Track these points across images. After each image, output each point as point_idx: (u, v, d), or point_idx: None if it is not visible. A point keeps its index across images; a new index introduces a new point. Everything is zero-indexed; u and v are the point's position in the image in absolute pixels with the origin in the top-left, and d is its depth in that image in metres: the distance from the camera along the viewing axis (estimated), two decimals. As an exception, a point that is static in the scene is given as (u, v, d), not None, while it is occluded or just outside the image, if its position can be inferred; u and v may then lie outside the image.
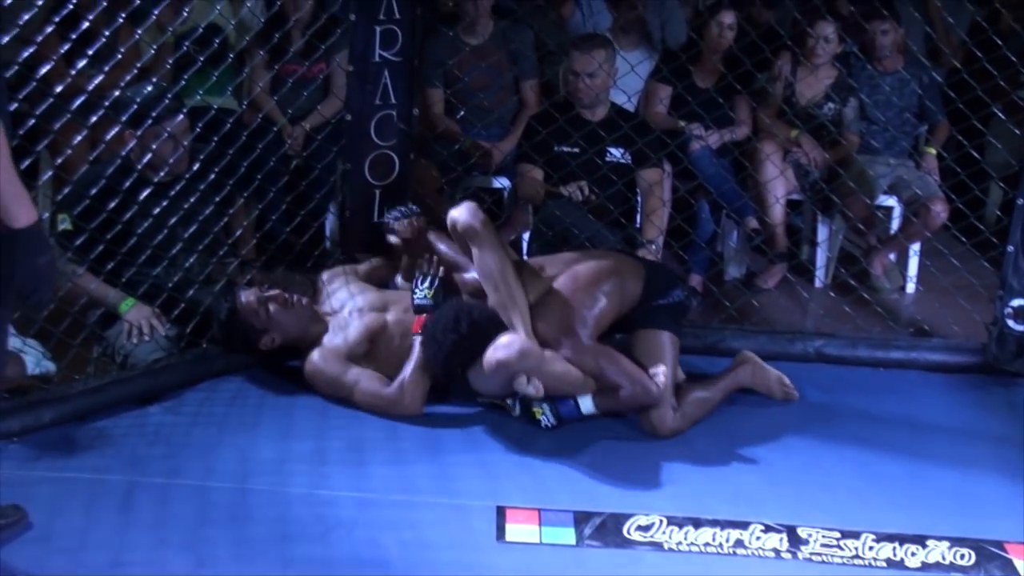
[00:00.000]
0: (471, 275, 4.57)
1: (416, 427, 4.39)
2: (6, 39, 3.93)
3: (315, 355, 4.61)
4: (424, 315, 4.52)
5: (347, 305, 4.76)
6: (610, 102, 5.85)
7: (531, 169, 5.73)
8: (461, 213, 4.40)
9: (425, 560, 3.60)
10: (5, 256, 2.89)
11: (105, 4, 4.65)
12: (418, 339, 4.49)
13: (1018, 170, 5.19)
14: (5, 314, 3.06)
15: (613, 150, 5.71)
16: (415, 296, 4.59)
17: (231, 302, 4.63)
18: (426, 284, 4.60)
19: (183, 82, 5.33)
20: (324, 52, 6.00)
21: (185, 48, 5.05)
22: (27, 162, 4.36)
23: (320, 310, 4.78)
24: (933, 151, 6.58)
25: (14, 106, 4.00)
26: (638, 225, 5.78)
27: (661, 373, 4.39)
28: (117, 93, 4.73)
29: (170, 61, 5.78)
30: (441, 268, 4.67)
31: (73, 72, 4.57)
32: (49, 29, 4.56)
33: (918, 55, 6.49)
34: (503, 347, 4.24)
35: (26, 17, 4.12)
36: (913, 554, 3.73)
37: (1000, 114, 5.98)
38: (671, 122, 6.32)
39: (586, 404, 4.39)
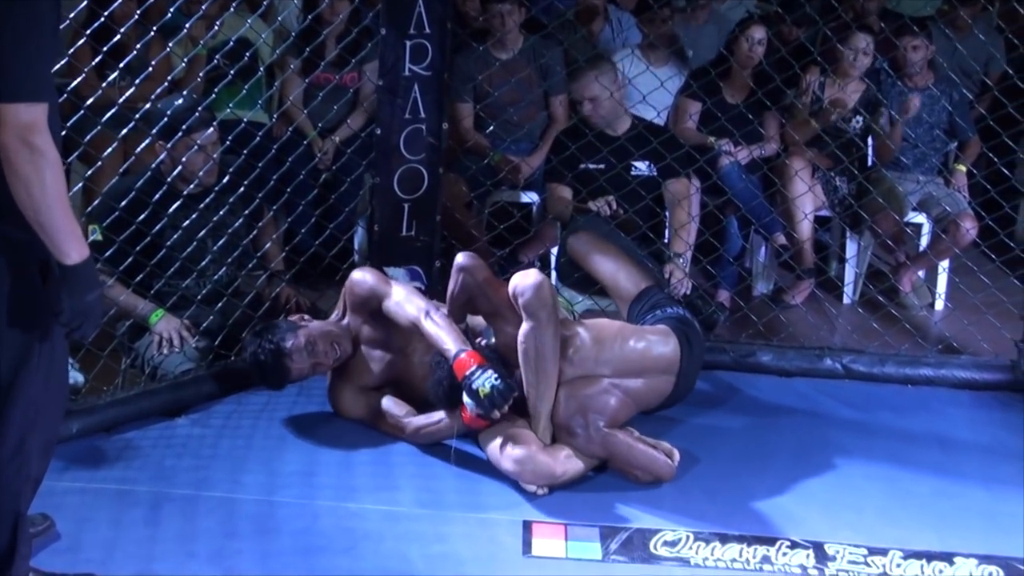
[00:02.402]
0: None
1: (444, 441, 4.35)
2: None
3: (338, 391, 4.57)
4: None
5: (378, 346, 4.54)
6: (630, 116, 5.83)
7: (559, 188, 5.73)
8: (527, 288, 4.14)
9: (452, 574, 3.61)
10: (54, 292, 2.90)
11: (137, 17, 4.69)
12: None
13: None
14: (59, 347, 3.06)
15: (639, 164, 5.70)
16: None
17: (277, 350, 4.35)
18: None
19: (214, 95, 5.37)
20: (356, 63, 6.02)
21: (216, 62, 5.06)
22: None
23: (349, 334, 4.53)
24: (963, 168, 6.55)
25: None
26: (666, 239, 5.78)
27: (676, 457, 4.25)
28: (148, 106, 4.77)
29: (201, 74, 5.81)
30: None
31: (105, 84, 4.59)
32: (81, 42, 4.59)
33: (948, 72, 6.47)
34: (514, 461, 4.08)
35: (59, 29, 4.13)
36: (941, 571, 3.72)
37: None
38: (700, 138, 6.31)
39: None
